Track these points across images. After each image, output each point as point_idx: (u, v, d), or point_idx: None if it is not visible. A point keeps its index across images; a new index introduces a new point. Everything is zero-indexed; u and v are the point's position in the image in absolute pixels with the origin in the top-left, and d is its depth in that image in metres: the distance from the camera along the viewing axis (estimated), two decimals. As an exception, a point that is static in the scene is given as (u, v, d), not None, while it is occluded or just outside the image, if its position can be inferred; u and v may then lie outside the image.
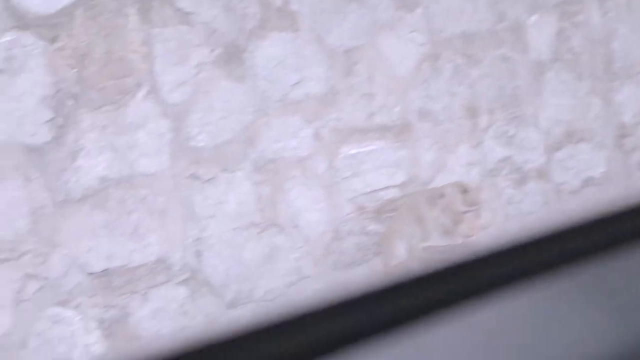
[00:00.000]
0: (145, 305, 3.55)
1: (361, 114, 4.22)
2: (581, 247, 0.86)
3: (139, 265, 3.54)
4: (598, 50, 5.00)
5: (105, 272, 3.46)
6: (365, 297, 0.79)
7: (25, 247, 3.29)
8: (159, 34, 3.66)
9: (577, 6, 5.02)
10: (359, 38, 4.22)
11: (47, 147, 3.36)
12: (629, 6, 5.13)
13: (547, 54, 4.92)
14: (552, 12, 4.93)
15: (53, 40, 3.42)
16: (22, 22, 3.37)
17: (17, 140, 3.29)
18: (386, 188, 4.28)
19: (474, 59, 4.65)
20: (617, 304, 0.81)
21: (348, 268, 4.13)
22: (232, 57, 3.83)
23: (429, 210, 3.78)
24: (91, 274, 3.43)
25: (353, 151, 4.19)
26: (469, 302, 0.76)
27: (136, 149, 3.56)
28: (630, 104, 5.15)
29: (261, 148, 3.90)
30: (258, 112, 3.90)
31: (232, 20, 3.85)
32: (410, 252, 3.92)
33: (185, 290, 3.66)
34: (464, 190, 3.72)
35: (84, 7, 3.51)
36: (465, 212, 3.71)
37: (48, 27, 3.42)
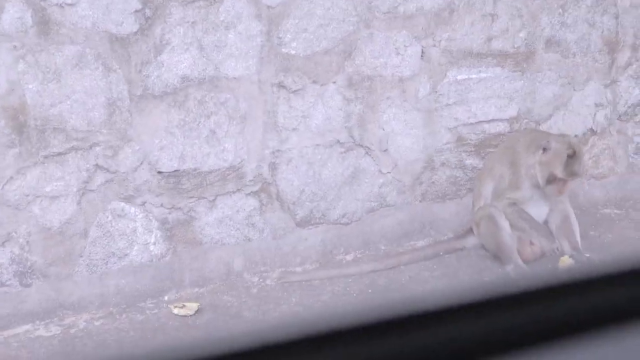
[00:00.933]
0: (212, 211, 3.80)
1: (479, 37, 4.18)
2: None
3: (211, 171, 3.77)
4: None
5: (175, 173, 3.71)
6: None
7: (98, 138, 3.57)
8: None
9: None
10: (487, -48, 4.15)
11: (132, 38, 3.57)
12: None
13: None
14: None
15: None
16: None
17: (103, 28, 3.51)
18: (493, 121, 4.29)
19: (627, -15, 4.47)
20: None
21: (436, 202, 4.22)
22: (340, -39, 3.87)
23: (526, 158, 3.77)
24: (161, 172, 3.69)
25: (462, 76, 4.19)
26: None
27: (224, 50, 3.72)
28: None
29: (359, 62, 3.98)
30: (361, 23, 3.95)
31: None
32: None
33: (255, 201, 3.88)
34: (572, 152, 3.63)
35: None
36: (563, 180, 3.67)
37: None
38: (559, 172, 3.66)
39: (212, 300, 3.61)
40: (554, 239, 3.79)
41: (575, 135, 3.98)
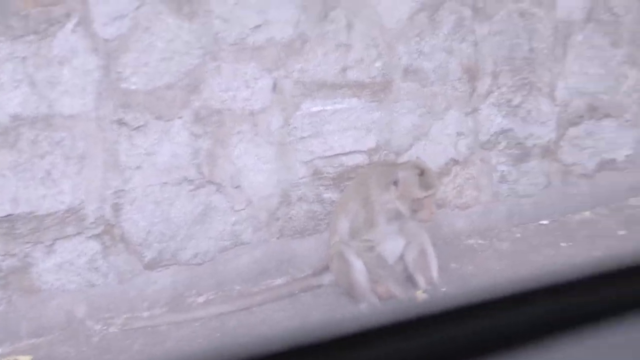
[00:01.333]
0: (50, 257, 3.69)
1: (333, 67, 4.19)
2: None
3: (48, 214, 3.66)
4: None
5: (8, 218, 3.60)
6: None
7: None
8: (96, -40, 3.68)
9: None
10: (334, -18, 4.16)
11: (-44, 76, 3.47)
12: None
13: (578, 12, 4.77)
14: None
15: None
16: None
17: None
18: (351, 153, 4.29)
19: (484, 13, 4.54)
20: None
21: (295, 238, 4.19)
22: (179, -8, 3.83)
23: (379, 194, 3.77)
24: (-8, 218, 3.57)
25: (317, 108, 4.19)
26: None
27: (58, 86, 3.64)
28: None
29: (206, 96, 3.93)
30: (207, 55, 3.92)
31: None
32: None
33: (98, 245, 3.78)
34: (420, 171, 3.66)
35: None
36: (427, 200, 3.68)
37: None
38: (417, 193, 3.67)
39: (49, 351, 3.49)
40: (409, 286, 3.82)
41: (417, 157, 4.03)
